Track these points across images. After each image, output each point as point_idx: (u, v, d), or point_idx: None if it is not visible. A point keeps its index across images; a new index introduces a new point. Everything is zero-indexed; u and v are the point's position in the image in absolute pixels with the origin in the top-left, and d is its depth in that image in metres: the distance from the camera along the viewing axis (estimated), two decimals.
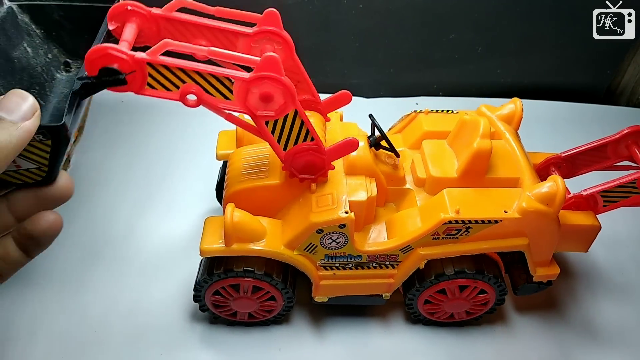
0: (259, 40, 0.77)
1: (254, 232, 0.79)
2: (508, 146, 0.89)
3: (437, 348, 0.91)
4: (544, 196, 0.78)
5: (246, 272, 0.81)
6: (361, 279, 0.84)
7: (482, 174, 0.83)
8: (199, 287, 0.83)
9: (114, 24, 0.69)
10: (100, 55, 0.59)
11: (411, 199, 0.87)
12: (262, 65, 0.64)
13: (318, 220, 0.76)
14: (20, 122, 0.45)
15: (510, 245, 0.81)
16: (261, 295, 0.85)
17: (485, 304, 0.89)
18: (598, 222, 0.87)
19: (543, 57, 1.37)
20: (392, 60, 1.41)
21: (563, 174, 0.95)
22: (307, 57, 1.44)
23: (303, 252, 0.80)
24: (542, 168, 0.96)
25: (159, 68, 0.63)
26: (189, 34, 0.75)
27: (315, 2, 1.30)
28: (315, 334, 0.92)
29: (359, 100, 1.41)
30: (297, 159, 0.75)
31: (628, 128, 0.88)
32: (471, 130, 0.83)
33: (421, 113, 0.96)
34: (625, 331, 0.94)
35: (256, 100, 0.67)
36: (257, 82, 0.65)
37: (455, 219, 0.77)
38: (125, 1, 0.70)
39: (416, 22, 1.33)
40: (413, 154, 0.91)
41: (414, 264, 0.82)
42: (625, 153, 0.91)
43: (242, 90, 0.66)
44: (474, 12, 1.30)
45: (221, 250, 0.78)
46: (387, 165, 0.86)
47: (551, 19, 1.31)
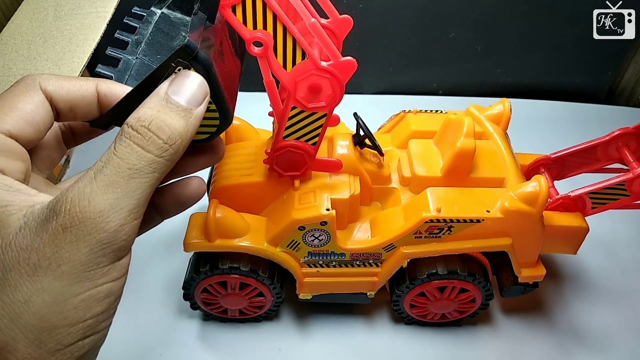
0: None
1: (236, 228, 0.80)
2: (495, 146, 0.89)
3: (423, 346, 0.91)
4: (527, 196, 0.77)
5: (231, 268, 0.81)
6: (345, 277, 0.85)
7: (466, 173, 0.83)
8: (187, 285, 0.84)
9: None
10: None
11: (396, 197, 0.87)
12: (341, 65, 0.65)
13: (299, 217, 0.77)
14: (195, 109, 0.45)
15: (493, 245, 0.81)
16: (249, 291, 0.86)
17: (473, 301, 0.89)
18: (586, 223, 0.86)
19: (543, 57, 1.36)
20: (391, 60, 1.41)
21: (553, 175, 0.95)
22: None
23: (286, 249, 0.81)
24: (532, 169, 0.95)
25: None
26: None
27: (315, 2, 1.31)
28: (302, 331, 0.92)
29: (358, 99, 1.42)
30: (283, 157, 0.76)
31: (618, 130, 0.88)
32: (455, 129, 0.83)
33: (410, 113, 0.97)
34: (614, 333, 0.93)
35: (305, 87, 0.67)
36: (324, 74, 0.65)
37: (437, 218, 0.77)
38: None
39: (416, 21, 1.33)
40: (400, 153, 0.91)
41: (397, 262, 0.82)
42: (616, 155, 0.90)
43: (305, 72, 0.66)
44: (473, 11, 1.30)
45: (204, 245, 0.79)
46: (372, 164, 0.87)
47: (551, 19, 1.31)
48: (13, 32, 0.94)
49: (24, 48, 0.90)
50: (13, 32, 0.94)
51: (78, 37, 0.91)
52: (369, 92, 1.44)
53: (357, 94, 1.44)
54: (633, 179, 0.81)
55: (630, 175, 0.81)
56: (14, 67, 0.87)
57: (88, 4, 0.99)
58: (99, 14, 0.96)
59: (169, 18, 0.69)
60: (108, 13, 0.96)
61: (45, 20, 0.94)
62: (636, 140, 0.88)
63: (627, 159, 0.87)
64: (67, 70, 0.86)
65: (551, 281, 0.98)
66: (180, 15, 0.69)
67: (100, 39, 0.92)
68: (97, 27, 0.93)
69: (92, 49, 0.90)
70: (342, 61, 0.66)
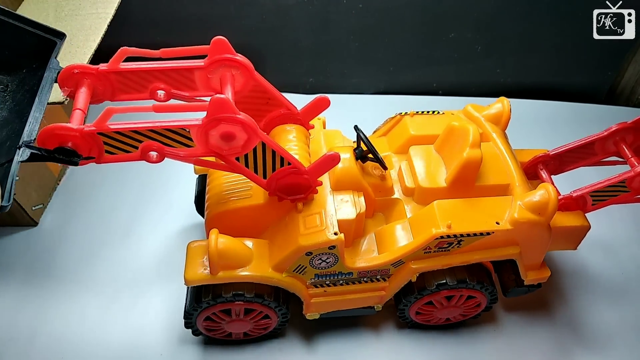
0: (215, 69, 0.74)
1: (240, 257, 0.76)
2: (496, 149, 0.87)
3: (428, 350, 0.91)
4: (536, 205, 0.76)
5: (236, 296, 0.78)
6: (352, 294, 0.83)
7: (471, 183, 0.81)
8: (189, 315, 0.80)
9: (66, 90, 0.68)
10: (53, 135, 0.59)
11: (400, 209, 0.84)
12: (212, 108, 0.62)
13: (307, 244, 0.73)
14: None
15: (501, 254, 0.80)
16: (254, 315, 0.83)
17: (478, 305, 0.89)
18: (587, 221, 0.86)
19: (543, 57, 1.35)
20: (391, 60, 1.38)
21: (551, 171, 0.94)
22: (307, 57, 1.41)
23: (292, 274, 0.78)
24: (530, 166, 0.94)
25: (112, 135, 0.62)
26: (144, 82, 0.73)
27: (315, 2, 1.26)
28: (309, 347, 0.91)
29: (358, 99, 1.38)
30: (281, 183, 0.72)
31: (616, 125, 0.87)
32: (460, 137, 0.81)
33: (407, 115, 0.93)
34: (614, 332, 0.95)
35: (218, 141, 0.65)
36: (213, 125, 0.63)
37: (447, 234, 0.75)
38: (71, 65, 0.67)
39: (416, 21, 1.30)
40: (400, 160, 0.88)
41: (406, 277, 0.81)
42: (613, 149, 0.90)
43: (202, 136, 0.64)
44: (473, 11, 1.27)
45: (207, 278, 0.75)
46: (375, 177, 0.83)
47: (551, 19, 1.28)
48: None
49: None
50: None
51: (78, 38, 0.90)
52: (369, 92, 1.40)
53: (357, 94, 1.40)
54: (634, 176, 0.81)
55: (631, 173, 0.81)
56: None
57: (89, 5, 0.97)
58: (99, 15, 0.94)
59: None
60: (109, 14, 0.95)
61: (46, 21, 0.89)
62: (633, 134, 0.88)
63: (624, 153, 0.87)
64: None
65: (551, 278, 0.98)
66: None
67: (100, 40, 0.91)
68: (98, 28, 0.92)
69: (92, 50, 0.88)
70: (210, 107, 0.62)
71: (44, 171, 1.12)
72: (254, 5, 1.32)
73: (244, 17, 1.35)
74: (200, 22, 1.38)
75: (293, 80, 1.46)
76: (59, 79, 0.68)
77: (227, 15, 1.36)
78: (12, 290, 0.95)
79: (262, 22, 1.35)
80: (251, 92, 0.78)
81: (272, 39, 1.39)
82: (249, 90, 0.77)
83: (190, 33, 1.40)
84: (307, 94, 1.43)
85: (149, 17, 1.38)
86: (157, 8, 1.35)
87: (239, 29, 1.38)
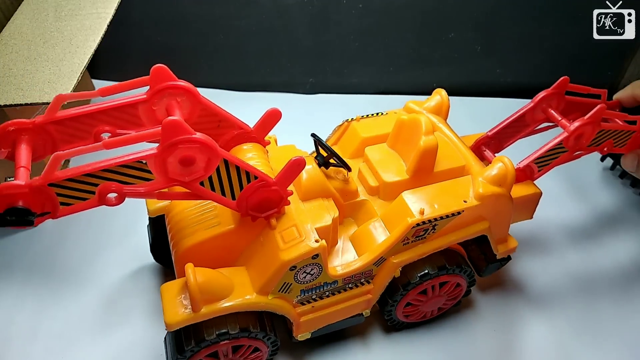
0: (159, 100, 0.71)
1: (221, 288, 0.71)
2: (444, 137, 0.90)
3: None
4: (496, 178, 0.80)
5: (220, 336, 0.72)
6: (340, 303, 0.81)
7: (430, 170, 0.83)
8: None
9: (4, 151, 0.63)
10: (11, 194, 0.56)
11: (369, 209, 0.85)
12: (166, 133, 0.58)
13: (290, 257, 0.70)
14: None
15: (474, 231, 0.82)
16: (243, 352, 0.77)
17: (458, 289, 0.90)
18: (538, 188, 0.91)
19: (543, 57, 1.36)
20: (391, 60, 1.38)
21: (493, 150, 1.00)
22: (307, 57, 1.41)
23: (278, 294, 0.74)
24: (474, 149, 0.98)
25: (64, 184, 0.57)
26: (86, 126, 0.69)
27: (315, 2, 1.27)
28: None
29: (358, 98, 1.40)
30: (251, 200, 0.69)
31: (541, 93, 0.94)
32: (411, 129, 0.83)
33: (353, 121, 0.95)
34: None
35: (178, 168, 0.61)
36: (170, 152, 0.59)
37: (422, 220, 0.76)
38: (6, 122, 0.63)
39: (416, 21, 1.31)
40: (358, 163, 0.89)
41: (389, 274, 0.80)
42: (542, 116, 0.97)
43: (160, 165, 0.60)
44: (473, 11, 1.29)
45: (190, 317, 0.69)
46: (339, 181, 0.83)
47: (551, 19, 1.30)
48: (13, 32, 0.94)
49: (24, 48, 0.91)
50: (13, 32, 0.94)
51: (78, 38, 0.92)
52: (369, 92, 1.40)
53: (357, 94, 1.40)
54: (569, 136, 0.88)
55: (566, 134, 0.88)
56: (14, 67, 0.87)
57: (89, 4, 0.99)
58: (99, 15, 0.96)
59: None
60: (109, 14, 0.96)
61: (46, 21, 0.94)
62: (556, 99, 0.96)
63: (553, 118, 0.94)
64: (67, 70, 0.85)
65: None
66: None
67: (100, 40, 0.92)
68: (98, 28, 0.94)
69: (92, 50, 0.89)
70: (164, 132, 0.59)
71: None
72: (254, 5, 1.32)
73: (244, 17, 1.34)
74: (200, 22, 1.36)
75: (293, 80, 1.45)
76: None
77: (227, 15, 1.34)
78: (12, 290, 0.94)
79: (262, 22, 1.35)
80: (200, 118, 0.75)
81: (272, 39, 1.38)
82: (197, 115, 0.75)
83: (190, 33, 1.39)
84: (307, 93, 1.45)
85: (149, 17, 1.35)
86: (157, 8, 1.33)
87: (239, 29, 1.36)
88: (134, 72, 1.44)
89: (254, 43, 1.39)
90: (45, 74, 0.87)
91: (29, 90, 0.85)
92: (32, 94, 0.84)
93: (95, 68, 1.43)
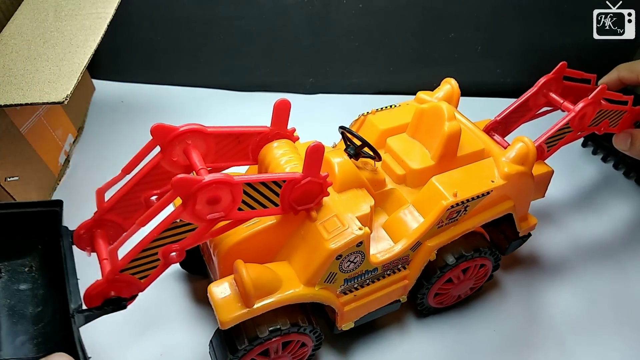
0: (173, 150, 0.72)
1: (271, 282, 0.72)
2: (460, 124, 0.94)
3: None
4: (518, 157, 0.84)
5: (272, 332, 0.73)
6: (380, 291, 0.82)
7: (454, 154, 0.86)
8: None
9: (88, 250, 0.74)
10: (94, 294, 0.64)
11: (397, 197, 0.87)
12: (179, 191, 0.61)
13: (337, 246, 0.71)
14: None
15: (500, 210, 0.86)
16: (291, 348, 0.78)
17: (485, 274, 0.93)
18: (550, 167, 0.96)
19: (543, 57, 1.37)
20: (391, 60, 1.38)
21: (501, 134, 1.04)
22: (307, 57, 1.42)
23: (324, 285, 0.75)
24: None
25: (130, 265, 0.65)
26: (134, 198, 0.75)
27: (315, 2, 1.26)
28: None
29: (358, 99, 1.41)
30: (293, 199, 0.71)
31: (542, 78, 1.00)
32: (433, 116, 0.86)
33: (369, 114, 0.97)
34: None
35: (210, 209, 0.64)
36: (191, 204, 0.62)
37: (456, 202, 0.79)
38: (77, 228, 0.74)
39: (416, 21, 1.31)
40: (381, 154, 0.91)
41: (425, 258, 0.82)
42: (543, 101, 1.03)
43: (192, 216, 0.63)
44: (473, 11, 1.30)
45: (244, 313, 0.69)
46: (367, 171, 0.85)
47: (551, 19, 1.32)
48: (13, 32, 0.94)
49: (24, 48, 0.90)
50: (13, 32, 0.94)
51: (78, 38, 0.92)
52: (369, 92, 1.41)
53: (357, 94, 1.41)
54: (575, 116, 0.93)
55: (573, 113, 0.93)
56: (14, 67, 0.87)
57: (88, 5, 0.99)
58: (99, 15, 0.96)
59: None
60: (109, 14, 0.96)
61: (46, 21, 0.94)
62: (555, 83, 1.02)
63: (555, 101, 1.00)
64: (67, 70, 0.85)
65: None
66: None
67: (100, 40, 0.92)
68: (98, 28, 0.94)
69: (92, 50, 0.89)
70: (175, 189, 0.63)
71: (44, 171, 1.11)
72: (254, 5, 1.31)
73: (244, 17, 1.33)
74: (200, 22, 1.34)
75: (293, 80, 1.45)
76: (75, 243, 0.73)
77: (227, 15, 1.33)
78: None
79: (262, 22, 1.34)
80: (218, 145, 0.77)
81: (272, 39, 1.37)
82: (215, 144, 0.76)
83: (190, 33, 1.37)
84: (307, 94, 1.45)
85: (149, 17, 1.33)
86: (157, 8, 1.31)
87: (239, 29, 1.35)
88: (134, 72, 1.47)
89: (254, 43, 1.39)
90: (45, 74, 0.86)
91: (29, 90, 0.84)
92: (32, 94, 0.83)
93: (95, 68, 1.41)
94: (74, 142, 1.28)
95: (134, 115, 1.36)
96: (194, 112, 1.38)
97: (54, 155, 1.17)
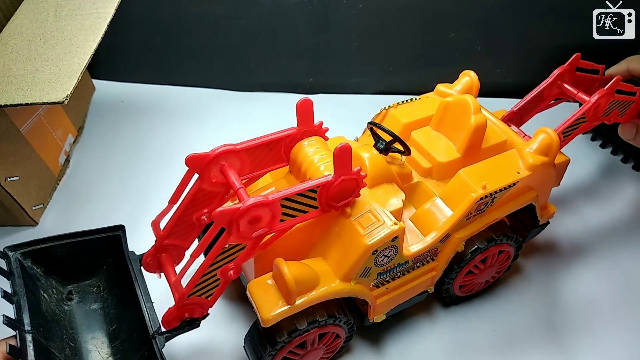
0: (210, 173, 0.75)
1: (311, 279, 0.73)
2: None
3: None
4: (541, 148, 0.85)
5: (310, 324, 0.74)
6: (410, 283, 0.84)
7: (479, 147, 0.88)
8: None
9: (159, 273, 0.82)
10: (171, 318, 0.72)
11: (424, 190, 0.88)
12: (220, 222, 0.65)
13: (374, 242, 0.73)
14: None
15: (524, 201, 0.87)
16: (326, 339, 0.79)
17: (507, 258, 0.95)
18: (567, 156, 0.98)
19: (543, 57, 1.38)
20: (391, 60, 1.38)
21: (516, 124, 1.06)
22: (307, 57, 1.41)
23: (359, 279, 0.77)
24: None
25: (194, 290, 0.71)
26: (187, 218, 0.79)
27: (315, 2, 1.26)
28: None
29: (358, 98, 1.41)
30: (330, 195, 0.72)
31: (557, 70, 1.01)
32: (458, 109, 0.87)
33: (391, 108, 0.98)
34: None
35: (252, 227, 0.67)
36: (235, 231, 0.65)
37: (485, 194, 0.80)
38: (143, 257, 0.80)
39: (416, 21, 1.31)
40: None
41: (453, 249, 0.84)
42: (556, 91, 1.05)
43: (239, 239, 0.67)
44: (473, 11, 1.30)
45: (287, 311, 0.70)
46: (395, 166, 0.86)
47: (551, 19, 1.32)
48: (13, 32, 0.94)
49: (24, 48, 0.90)
50: (13, 32, 0.94)
51: (78, 38, 0.92)
52: (369, 92, 1.40)
53: (357, 94, 1.40)
54: (591, 107, 0.95)
55: (590, 104, 0.95)
56: (14, 67, 0.87)
57: (89, 4, 0.99)
58: (99, 15, 0.96)
59: (24, 268, 0.76)
60: (109, 14, 0.96)
61: (46, 21, 0.94)
62: (569, 74, 1.04)
63: (569, 92, 1.02)
64: (67, 70, 0.85)
65: None
66: (30, 263, 0.78)
67: (100, 40, 0.92)
68: (98, 28, 0.94)
69: (92, 50, 0.90)
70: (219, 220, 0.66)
71: (44, 171, 1.11)
72: (254, 5, 1.30)
73: (244, 17, 1.32)
74: (200, 22, 1.33)
75: (293, 80, 1.44)
76: (144, 268, 0.80)
77: (227, 15, 1.32)
78: None
79: (262, 22, 1.33)
80: (252, 157, 0.79)
81: (272, 39, 1.37)
82: (247, 157, 0.78)
83: (190, 33, 1.36)
84: (307, 94, 1.43)
85: (148, 17, 1.32)
86: (157, 8, 1.30)
87: (239, 29, 1.35)
88: (134, 72, 1.46)
89: (254, 43, 1.38)
90: (45, 74, 0.86)
91: (29, 90, 0.83)
92: (32, 94, 0.83)
93: (95, 68, 1.40)
94: (74, 142, 1.28)
95: (134, 115, 1.35)
96: (194, 112, 1.37)
97: (54, 155, 1.17)
